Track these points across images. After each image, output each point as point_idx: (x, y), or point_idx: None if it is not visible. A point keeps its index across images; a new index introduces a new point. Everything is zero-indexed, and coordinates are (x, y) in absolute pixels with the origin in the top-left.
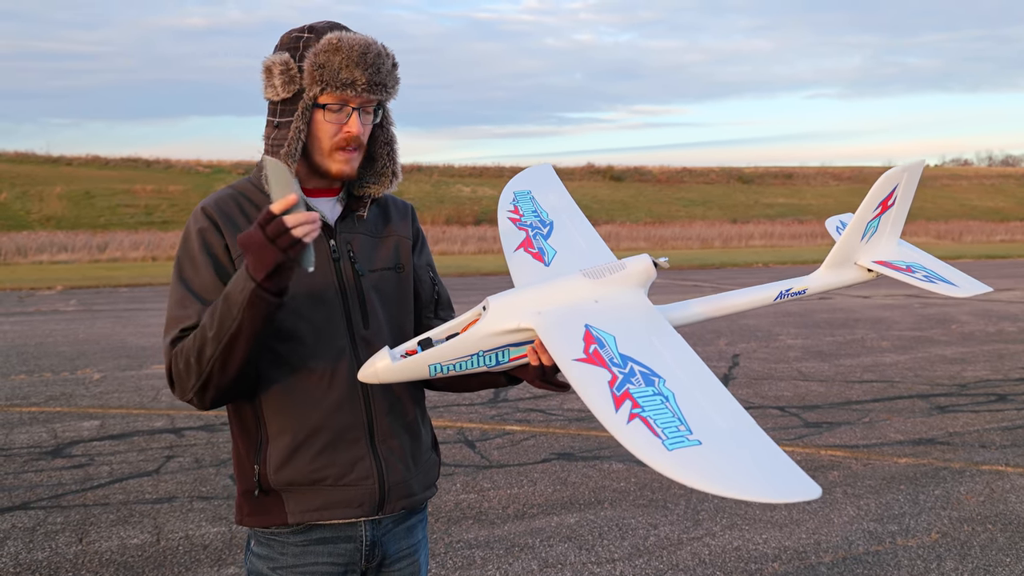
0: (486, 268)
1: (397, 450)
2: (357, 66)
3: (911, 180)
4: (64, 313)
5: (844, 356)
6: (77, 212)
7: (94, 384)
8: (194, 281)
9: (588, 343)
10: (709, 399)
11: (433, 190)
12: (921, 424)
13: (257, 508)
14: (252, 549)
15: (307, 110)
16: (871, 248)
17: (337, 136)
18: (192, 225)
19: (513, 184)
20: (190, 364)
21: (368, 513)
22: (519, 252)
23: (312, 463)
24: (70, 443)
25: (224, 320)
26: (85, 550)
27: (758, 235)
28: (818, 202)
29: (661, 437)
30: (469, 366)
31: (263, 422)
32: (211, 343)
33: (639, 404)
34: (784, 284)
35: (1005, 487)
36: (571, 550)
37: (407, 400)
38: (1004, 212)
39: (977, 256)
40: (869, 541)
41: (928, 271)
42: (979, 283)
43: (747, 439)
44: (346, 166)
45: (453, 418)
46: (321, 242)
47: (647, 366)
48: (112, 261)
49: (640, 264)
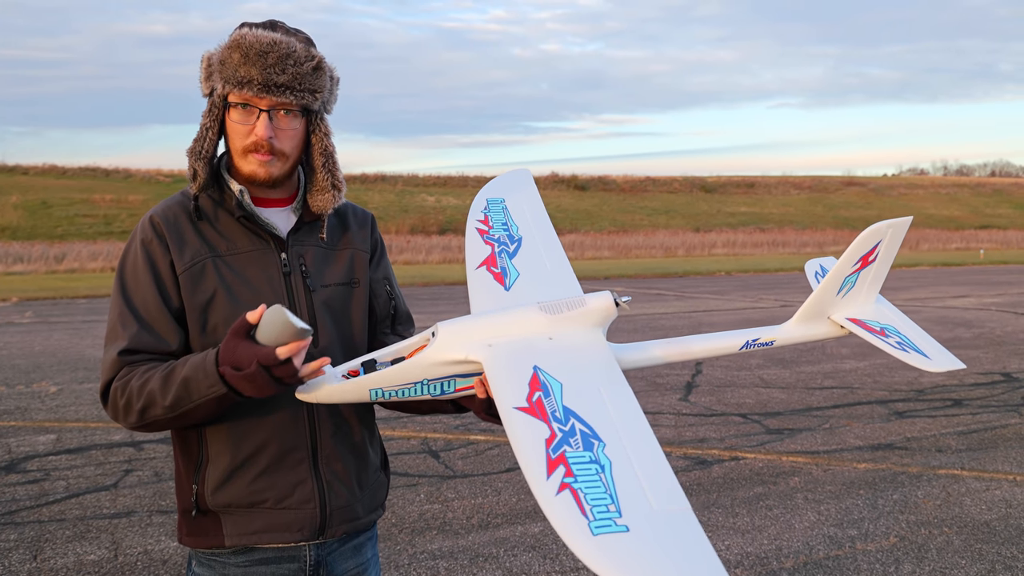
0: (451, 278)
1: (341, 473)
2: (253, 64)
3: (896, 237)
4: (19, 325)
5: (805, 363)
6: (33, 222)
7: (50, 397)
8: (135, 296)
9: (533, 389)
10: (647, 473)
11: (397, 199)
12: (880, 430)
13: (195, 528)
14: (194, 569)
15: (215, 107)
16: (846, 304)
17: (248, 138)
18: (138, 235)
19: (487, 190)
20: (131, 408)
21: (308, 538)
22: (481, 270)
23: (251, 485)
24: (25, 458)
25: (181, 399)
26: (40, 567)
27: (720, 243)
28: (779, 211)
29: (588, 517)
30: (412, 394)
31: (203, 441)
32: (160, 408)
33: (572, 472)
34: (752, 333)
35: (961, 490)
36: (535, 559)
37: (354, 421)
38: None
39: (933, 264)
40: (829, 546)
41: (902, 337)
42: (953, 357)
43: (675, 526)
44: (259, 168)
45: (417, 428)
46: (271, 255)
47: (589, 426)
48: (70, 272)
49: (600, 302)
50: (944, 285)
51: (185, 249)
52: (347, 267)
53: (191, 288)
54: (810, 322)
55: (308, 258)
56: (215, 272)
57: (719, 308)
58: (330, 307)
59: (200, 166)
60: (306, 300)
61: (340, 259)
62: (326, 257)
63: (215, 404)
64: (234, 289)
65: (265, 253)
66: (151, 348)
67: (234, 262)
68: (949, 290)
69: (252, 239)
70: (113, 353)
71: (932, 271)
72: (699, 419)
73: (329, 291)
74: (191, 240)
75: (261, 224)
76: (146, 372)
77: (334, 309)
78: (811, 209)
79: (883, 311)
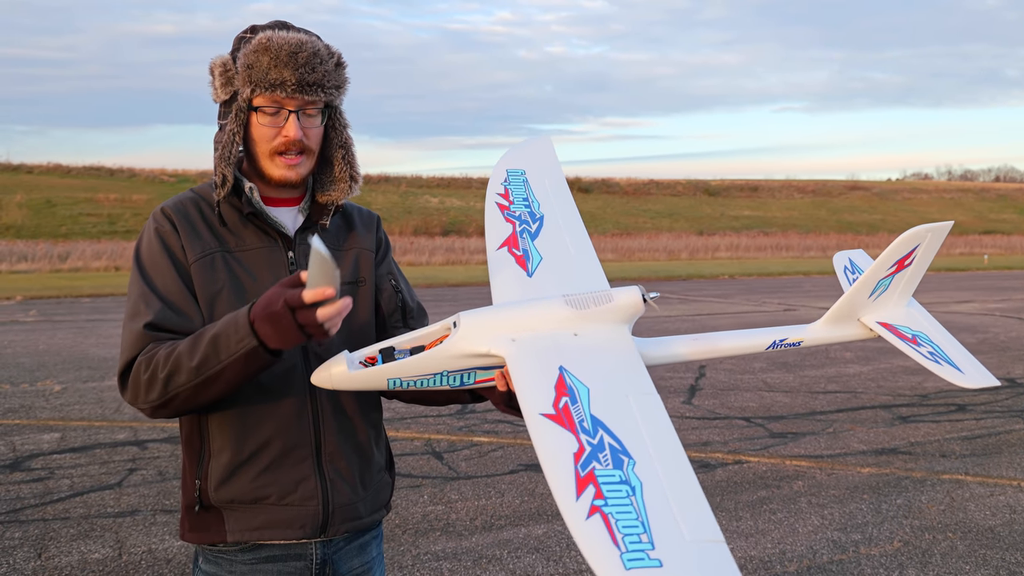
0: (454, 279)
1: (345, 471)
2: (286, 66)
3: (934, 241)
4: (24, 324)
5: (808, 367)
6: (38, 221)
7: (55, 396)
8: (156, 279)
9: (560, 394)
10: (678, 497)
11: (401, 200)
12: (884, 434)
13: (197, 524)
14: (200, 566)
15: (241, 112)
16: (878, 307)
17: (275, 140)
18: (151, 224)
19: (507, 159)
20: (155, 380)
21: (310, 535)
22: (502, 251)
23: (255, 481)
24: (29, 456)
25: (208, 359)
26: (44, 565)
27: (724, 247)
28: (783, 215)
29: (620, 548)
30: (431, 384)
31: (207, 437)
32: (186, 373)
33: (603, 495)
34: (779, 332)
35: (965, 496)
36: (539, 561)
37: (359, 421)
38: (963, 225)
39: (937, 269)
40: (833, 550)
41: (935, 347)
42: (987, 373)
43: (710, 562)
44: (290, 172)
45: (420, 429)
46: (279, 252)
47: (619, 439)
48: (74, 271)
49: (628, 298)
50: (948, 290)
51: (196, 241)
52: (353, 266)
53: (201, 279)
54: (839, 323)
55: None
56: (224, 266)
57: (723, 312)
58: None
59: (229, 172)
60: None
61: (346, 259)
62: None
63: (242, 364)
64: (243, 284)
65: (273, 251)
66: (175, 326)
67: (243, 258)
68: (953, 295)
69: (260, 236)
70: (138, 326)
71: (936, 276)
72: (702, 422)
73: None
74: (202, 233)
75: (269, 222)
76: (173, 343)
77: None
78: (815, 213)
79: (915, 316)
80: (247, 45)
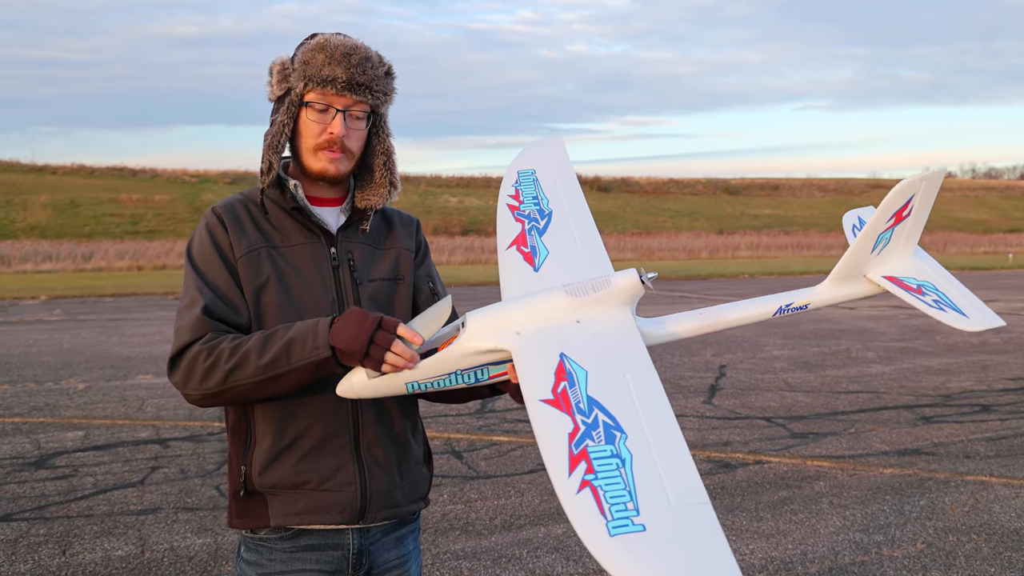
0: (474, 279)
1: (382, 460)
2: (339, 64)
3: (929, 190)
4: (48, 323)
5: (830, 367)
6: (62, 221)
7: (78, 394)
8: (208, 272)
9: (559, 379)
10: (666, 465)
11: (420, 200)
12: (906, 434)
13: (242, 510)
14: (242, 555)
15: (292, 105)
16: (882, 261)
17: (321, 137)
18: (203, 222)
19: (518, 161)
20: (216, 369)
21: (349, 520)
22: (511, 250)
23: (296, 466)
24: (53, 454)
25: (279, 359)
26: (68, 562)
27: (744, 246)
28: (803, 213)
29: (607, 517)
30: (447, 384)
31: (252, 425)
32: (252, 368)
33: (593, 469)
34: (784, 298)
35: (989, 497)
36: (558, 561)
37: (396, 412)
38: (987, 224)
39: (960, 268)
40: (855, 551)
41: (940, 294)
42: (993, 314)
43: (691, 523)
44: (330, 165)
45: (440, 429)
46: (322, 248)
47: (613, 416)
48: (97, 271)
49: (625, 281)
50: (973, 289)
51: (243, 237)
52: (393, 264)
53: (247, 273)
54: (845, 282)
55: (356, 254)
56: (269, 261)
57: None
58: (376, 301)
59: (276, 160)
60: (353, 293)
61: (386, 257)
62: (373, 254)
63: (311, 371)
64: (287, 278)
65: (316, 246)
66: (225, 317)
67: (288, 253)
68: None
69: (304, 233)
70: (196, 311)
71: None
72: (723, 422)
73: (375, 285)
74: (249, 230)
75: (313, 219)
76: (238, 337)
77: (380, 303)
78: (836, 211)
79: (921, 266)
80: (306, 44)
